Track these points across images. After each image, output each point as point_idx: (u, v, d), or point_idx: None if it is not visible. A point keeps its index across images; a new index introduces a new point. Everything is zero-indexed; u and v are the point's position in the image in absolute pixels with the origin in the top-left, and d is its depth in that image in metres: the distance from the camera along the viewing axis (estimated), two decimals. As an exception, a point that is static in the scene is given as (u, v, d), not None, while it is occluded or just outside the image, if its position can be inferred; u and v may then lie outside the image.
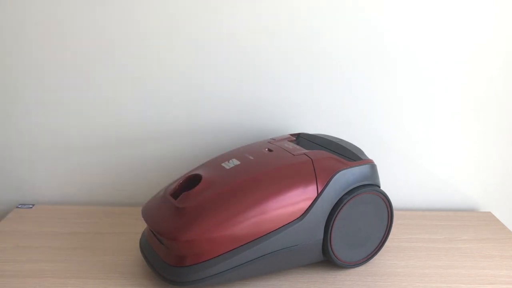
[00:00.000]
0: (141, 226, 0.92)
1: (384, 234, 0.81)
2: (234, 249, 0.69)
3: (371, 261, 0.81)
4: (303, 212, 0.72)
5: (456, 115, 0.99)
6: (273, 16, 0.92)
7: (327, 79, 0.97)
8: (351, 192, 0.75)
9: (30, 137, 1.00)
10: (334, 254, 0.76)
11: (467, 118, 0.99)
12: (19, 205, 1.02)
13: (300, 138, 0.92)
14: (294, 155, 0.78)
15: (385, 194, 0.78)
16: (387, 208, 0.79)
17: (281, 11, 0.92)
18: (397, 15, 0.92)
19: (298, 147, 0.82)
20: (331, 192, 0.73)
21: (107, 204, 1.05)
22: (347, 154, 0.81)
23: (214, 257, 0.69)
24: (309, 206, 0.72)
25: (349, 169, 0.76)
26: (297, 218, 0.72)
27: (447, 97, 0.98)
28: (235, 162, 0.78)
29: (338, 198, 0.74)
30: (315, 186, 0.73)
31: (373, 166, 0.79)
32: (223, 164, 0.78)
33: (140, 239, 0.80)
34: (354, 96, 0.98)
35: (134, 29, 0.93)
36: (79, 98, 0.97)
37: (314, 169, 0.74)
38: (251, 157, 0.79)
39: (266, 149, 0.82)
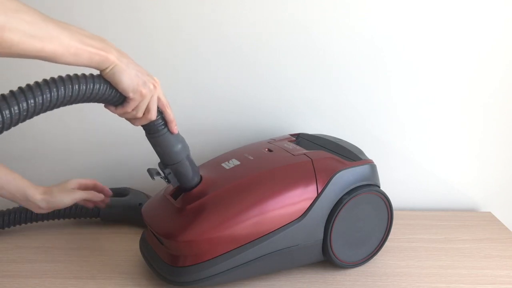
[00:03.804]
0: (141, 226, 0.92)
1: (384, 234, 0.81)
2: (234, 249, 0.69)
3: (371, 261, 0.81)
4: (303, 212, 0.72)
5: (456, 116, 0.99)
6: (273, 17, 0.92)
7: (327, 79, 0.97)
8: (351, 192, 0.75)
9: (30, 137, 1.00)
10: (334, 254, 0.76)
11: (467, 118, 0.99)
12: (19, 205, 1.02)
13: (300, 138, 0.92)
14: (294, 155, 0.78)
15: (385, 194, 0.78)
16: (387, 208, 0.79)
17: (281, 13, 0.92)
18: (399, 16, 0.92)
19: (298, 147, 0.82)
20: (331, 192, 0.73)
21: (107, 204, 1.05)
22: (347, 154, 0.81)
23: (214, 257, 0.69)
24: (309, 206, 0.72)
25: (349, 169, 0.76)
26: (297, 218, 0.72)
27: (447, 97, 0.98)
28: (235, 162, 0.78)
29: (338, 198, 0.74)
30: (315, 186, 0.73)
31: (373, 166, 0.79)
32: (223, 164, 0.78)
33: (140, 239, 0.80)
34: (354, 96, 0.98)
35: (136, 30, 0.93)
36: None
37: (314, 169, 0.74)
38: (251, 157, 0.79)
39: (266, 149, 0.82)
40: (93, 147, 1.02)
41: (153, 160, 1.00)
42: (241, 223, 0.69)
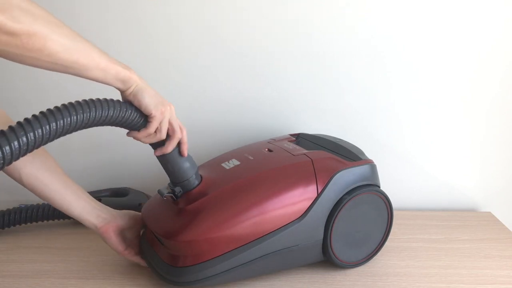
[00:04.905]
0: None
1: (384, 234, 0.81)
2: (234, 249, 0.69)
3: (371, 261, 0.81)
4: (303, 212, 0.72)
5: (457, 116, 0.99)
6: (273, 18, 0.92)
7: (327, 80, 0.97)
8: (351, 192, 0.75)
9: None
10: (334, 254, 0.76)
11: (467, 119, 0.99)
12: (20, 205, 1.02)
13: (300, 138, 0.92)
14: (294, 155, 0.78)
15: (385, 194, 0.78)
16: (387, 208, 0.79)
17: (281, 14, 0.92)
18: (399, 16, 0.92)
19: (298, 147, 0.82)
20: (331, 192, 0.73)
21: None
22: (347, 154, 0.81)
23: (214, 258, 0.69)
24: (309, 206, 0.72)
25: (349, 169, 0.76)
26: (297, 219, 0.72)
27: (447, 97, 0.98)
28: (235, 162, 0.78)
29: (338, 198, 0.74)
30: (315, 186, 0.73)
31: (373, 166, 0.79)
32: (223, 164, 0.78)
33: (140, 239, 0.80)
34: (354, 97, 0.98)
35: (137, 31, 0.93)
36: (78, 98, 0.97)
37: (314, 169, 0.74)
38: (251, 157, 0.79)
39: (266, 149, 0.82)
40: (93, 147, 1.02)
41: (153, 160, 1.00)
42: (241, 223, 0.69)
